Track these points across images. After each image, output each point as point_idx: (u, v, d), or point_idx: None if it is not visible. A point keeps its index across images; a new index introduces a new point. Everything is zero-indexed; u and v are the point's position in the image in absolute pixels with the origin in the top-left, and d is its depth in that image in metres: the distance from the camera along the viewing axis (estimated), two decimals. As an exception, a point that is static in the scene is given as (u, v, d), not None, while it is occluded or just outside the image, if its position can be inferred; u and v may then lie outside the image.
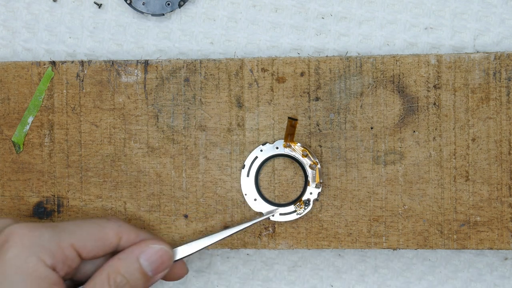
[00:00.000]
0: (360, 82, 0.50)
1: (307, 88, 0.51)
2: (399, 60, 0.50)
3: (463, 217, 0.50)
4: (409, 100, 0.50)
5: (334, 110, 0.50)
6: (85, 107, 0.51)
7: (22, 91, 0.52)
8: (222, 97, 0.51)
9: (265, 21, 0.54)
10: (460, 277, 0.53)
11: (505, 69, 0.50)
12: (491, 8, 0.53)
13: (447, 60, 0.50)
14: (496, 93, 0.50)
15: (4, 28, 0.55)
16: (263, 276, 0.54)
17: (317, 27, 0.53)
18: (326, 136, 0.50)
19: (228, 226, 0.51)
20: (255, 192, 0.50)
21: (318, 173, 0.50)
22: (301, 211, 0.50)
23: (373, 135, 0.50)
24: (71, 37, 0.54)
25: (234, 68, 0.51)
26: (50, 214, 0.52)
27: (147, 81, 0.51)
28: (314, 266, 0.54)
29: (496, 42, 0.52)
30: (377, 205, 0.50)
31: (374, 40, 0.53)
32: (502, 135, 0.50)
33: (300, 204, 0.50)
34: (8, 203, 0.52)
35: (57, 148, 0.52)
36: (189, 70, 0.51)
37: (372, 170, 0.50)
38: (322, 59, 0.50)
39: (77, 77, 0.52)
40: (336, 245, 0.50)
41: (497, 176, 0.50)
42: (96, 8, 0.54)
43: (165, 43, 0.54)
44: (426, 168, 0.50)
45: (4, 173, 0.52)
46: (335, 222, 0.50)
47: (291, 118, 0.46)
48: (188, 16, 0.54)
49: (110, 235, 0.45)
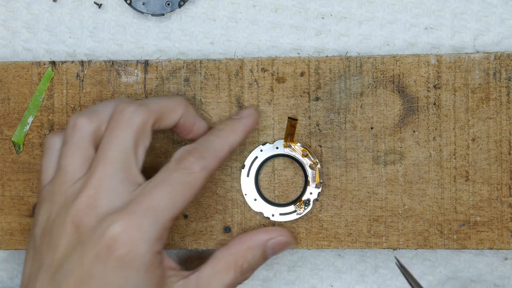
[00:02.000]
0: (360, 82, 0.50)
1: (307, 88, 0.51)
2: (399, 60, 0.50)
3: (463, 217, 0.50)
4: (409, 100, 0.50)
5: (334, 110, 0.50)
6: (85, 107, 0.51)
7: (22, 91, 0.52)
8: (222, 97, 0.51)
9: (265, 21, 0.54)
10: (460, 277, 0.53)
11: (505, 69, 0.50)
12: (491, 8, 0.53)
13: (447, 60, 0.50)
14: (496, 93, 0.50)
15: (4, 28, 0.55)
16: (263, 276, 0.54)
17: (317, 27, 0.53)
18: (326, 136, 0.50)
19: (228, 226, 0.51)
20: (255, 192, 0.50)
21: (318, 173, 0.50)
22: (301, 211, 0.50)
23: (373, 135, 0.50)
24: (71, 37, 0.54)
25: (234, 68, 0.51)
26: (50, 214, 0.52)
27: (147, 81, 0.51)
28: (314, 266, 0.54)
29: (496, 42, 0.52)
30: (377, 205, 0.50)
31: (374, 40, 0.53)
32: (502, 135, 0.50)
33: (300, 204, 0.50)
34: (8, 203, 0.52)
35: (57, 148, 0.52)
36: (189, 70, 0.51)
37: (372, 170, 0.50)
38: (322, 59, 0.50)
39: (77, 77, 0.52)
40: (336, 245, 0.50)
41: (497, 176, 0.50)
42: (96, 8, 0.54)
43: (165, 43, 0.54)
44: (426, 168, 0.50)
45: (4, 173, 0.52)
46: (335, 222, 0.50)
47: (291, 118, 0.46)
48: (188, 16, 0.54)
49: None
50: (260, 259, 0.47)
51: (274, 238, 0.48)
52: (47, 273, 0.42)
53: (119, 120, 0.44)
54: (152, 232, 0.42)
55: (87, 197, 0.42)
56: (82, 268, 0.41)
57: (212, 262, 0.46)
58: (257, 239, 0.47)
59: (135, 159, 0.44)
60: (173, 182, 0.43)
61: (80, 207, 0.42)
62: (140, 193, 0.43)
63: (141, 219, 0.41)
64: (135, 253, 0.41)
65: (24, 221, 0.52)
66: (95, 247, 0.41)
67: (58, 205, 0.43)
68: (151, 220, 0.42)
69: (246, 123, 0.48)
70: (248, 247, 0.47)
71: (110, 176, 0.43)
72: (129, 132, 0.44)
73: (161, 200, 0.42)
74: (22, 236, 0.52)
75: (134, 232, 0.41)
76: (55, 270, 0.42)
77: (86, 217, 0.42)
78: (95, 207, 0.42)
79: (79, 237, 0.42)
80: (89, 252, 0.41)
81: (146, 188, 0.43)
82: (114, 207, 0.42)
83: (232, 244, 0.47)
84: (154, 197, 0.42)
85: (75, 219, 0.42)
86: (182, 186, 0.43)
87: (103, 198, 0.42)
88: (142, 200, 0.42)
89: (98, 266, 0.41)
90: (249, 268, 0.46)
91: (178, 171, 0.43)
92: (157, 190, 0.43)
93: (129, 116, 0.44)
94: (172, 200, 0.43)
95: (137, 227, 0.41)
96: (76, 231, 0.42)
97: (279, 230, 0.48)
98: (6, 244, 0.52)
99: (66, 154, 0.44)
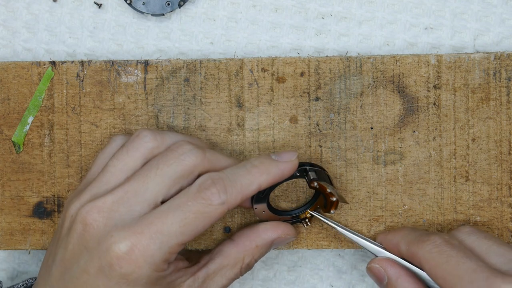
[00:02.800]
0: (360, 82, 0.50)
1: (307, 88, 0.51)
2: (399, 60, 0.50)
3: (463, 217, 0.50)
4: (409, 100, 0.50)
5: (334, 110, 0.50)
6: (85, 107, 0.51)
7: (22, 91, 0.52)
8: (222, 97, 0.51)
9: (265, 21, 0.54)
10: (460, 277, 0.53)
11: (505, 69, 0.50)
12: (491, 8, 0.53)
13: (447, 60, 0.50)
14: (496, 93, 0.50)
15: (4, 28, 0.55)
16: (263, 276, 0.54)
17: (317, 27, 0.53)
18: (326, 136, 0.50)
19: (228, 226, 0.51)
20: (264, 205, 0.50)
21: (332, 205, 0.47)
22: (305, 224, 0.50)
23: (373, 135, 0.50)
24: (71, 37, 0.54)
25: (234, 68, 0.51)
26: (50, 214, 0.52)
27: (147, 81, 0.51)
28: (314, 266, 0.54)
29: (496, 42, 0.52)
30: (377, 205, 0.50)
31: (374, 40, 0.53)
32: (502, 135, 0.50)
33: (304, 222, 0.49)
34: (8, 203, 0.52)
35: (57, 148, 0.52)
36: (189, 70, 0.51)
37: (372, 170, 0.50)
38: (322, 59, 0.50)
39: (77, 77, 0.52)
40: (336, 245, 0.50)
41: (497, 176, 0.50)
42: (96, 8, 0.54)
43: (165, 43, 0.54)
44: (426, 168, 0.50)
45: (4, 173, 0.52)
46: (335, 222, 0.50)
47: (337, 199, 0.46)
48: (188, 16, 0.54)
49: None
50: (264, 254, 0.48)
51: (282, 236, 0.48)
52: (58, 269, 0.43)
53: (175, 150, 0.44)
54: (157, 256, 0.41)
55: (107, 202, 0.42)
56: (88, 276, 0.42)
57: (219, 258, 0.46)
58: (266, 237, 0.47)
59: (166, 191, 0.43)
60: (187, 210, 0.42)
61: (96, 208, 0.42)
62: (152, 215, 0.42)
63: (147, 242, 0.41)
64: (138, 273, 0.41)
65: (24, 221, 0.52)
66: (100, 259, 0.41)
67: (83, 201, 0.44)
68: (157, 244, 0.41)
69: (283, 169, 0.45)
70: (256, 246, 0.47)
71: (137, 193, 0.43)
72: (178, 166, 0.43)
73: (171, 226, 0.42)
74: (22, 236, 0.52)
75: (139, 254, 0.41)
76: (65, 270, 0.43)
77: (95, 223, 0.42)
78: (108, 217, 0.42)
79: (86, 242, 0.42)
80: (94, 262, 0.42)
81: (159, 209, 0.42)
82: (124, 223, 0.42)
83: (240, 241, 0.47)
84: (165, 221, 0.42)
85: (85, 219, 0.42)
86: (196, 216, 0.42)
87: (119, 209, 0.42)
88: (152, 222, 0.42)
89: (102, 278, 0.42)
90: (253, 263, 0.47)
91: (196, 200, 0.42)
92: (169, 215, 0.42)
93: (184, 151, 0.44)
94: (182, 228, 0.42)
95: (143, 249, 0.41)
96: (84, 233, 0.42)
97: (285, 226, 0.48)
98: (6, 244, 0.52)
99: (117, 157, 0.45)
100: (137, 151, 0.45)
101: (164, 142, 0.45)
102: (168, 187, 0.43)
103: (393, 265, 0.46)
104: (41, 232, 0.52)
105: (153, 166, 0.43)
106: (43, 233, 0.52)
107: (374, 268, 0.47)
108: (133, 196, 0.43)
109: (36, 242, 0.52)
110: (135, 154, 0.44)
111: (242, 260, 0.46)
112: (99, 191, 0.44)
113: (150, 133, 0.45)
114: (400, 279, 0.46)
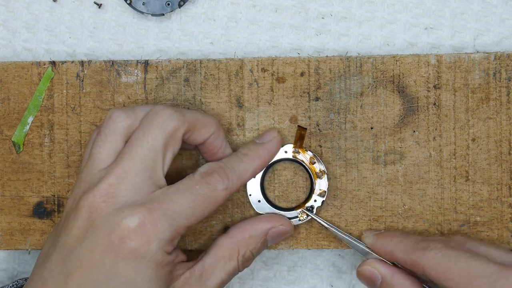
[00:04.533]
0: (360, 82, 0.50)
1: (307, 88, 0.51)
2: (399, 60, 0.50)
3: (463, 217, 0.50)
4: (409, 100, 0.50)
5: (334, 110, 0.50)
6: (85, 107, 0.52)
7: (22, 91, 0.52)
8: (222, 97, 0.51)
9: (265, 21, 0.54)
10: (460, 277, 0.53)
11: (505, 69, 0.50)
12: (491, 8, 0.53)
13: (447, 60, 0.50)
14: (496, 93, 0.50)
15: (4, 28, 0.55)
16: (263, 276, 0.54)
17: (317, 27, 0.53)
18: (326, 136, 0.50)
19: (228, 226, 0.51)
20: (260, 194, 0.50)
21: (325, 182, 0.50)
22: (303, 218, 0.50)
23: (373, 135, 0.50)
24: (71, 37, 0.54)
25: (234, 68, 0.51)
26: (50, 214, 0.52)
27: (147, 81, 0.51)
28: (314, 266, 0.54)
29: (496, 42, 0.52)
30: (377, 205, 0.50)
31: (374, 40, 0.53)
32: (502, 135, 0.50)
33: (303, 213, 0.50)
34: (8, 203, 0.52)
35: (57, 148, 0.52)
36: (189, 70, 0.51)
37: (372, 170, 0.50)
38: (322, 59, 0.50)
39: (77, 77, 0.52)
40: (336, 245, 0.50)
41: (497, 176, 0.50)
42: (96, 8, 0.54)
43: (165, 43, 0.54)
44: (426, 168, 0.50)
45: (4, 173, 0.52)
46: (335, 222, 0.50)
47: (300, 127, 0.47)
48: (188, 16, 0.54)
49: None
50: (261, 247, 0.48)
51: (276, 227, 0.48)
52: (59, 255, 0.43)
53: (153, 119, 0.44)
54: (166, 233, 0.42)
55: (108, 185, 0.43)
56: (92, 255, 0.42)
57: (214, 250, 0.46)
58: (259, 228, 0.48)
59: (162, 161, 0.44)
60: (196, 192, 0.44)
61: (99, 193, 0.43)
62: (162, 194, 0.43)
63: (159, 217, 0.42)
64: (147, 248, 0.42)
65: (24, 221, 0.52)
66: (109, 235, 0.42)
67: (82, 190, 0.44)
68: (168, 222, 0.42)
69: (269, 148, 0.48)
70: (250, 236, 0.47)
71: (136, 171, 0.43)
72: (161, 132, 0.44)
73: (181, 206, 0.43)
74: (22, 236, 0.52)
75: (150, 228, 0.42)
76: (67, 253, 0.43)
77: (103, 204, 0.43)
78: (114, 197, 0.43)
79: (92, 223, 0.42)
80: (101, 239, 0.42)
81: (168, 191, 0.44)
82: (133, 201, 0.43)
83: (233, 232, 0.47)
84: (175, 202, 0.43)
85: (92, 204, 0.43)
86: (204, 199, 0.44)
87: (124, 189, 0.43)
88: (163, 201, 0.43)
89: (110, 254, 0.42)
90: (250, 256, 0.47)
91: (202, 184, 0.44)
92: (179, 196, 0.43)
93: (164, 118, 0.44)
94: (191, 209, 0.43)
95: (154, 224, 0.42)
96: (90, 215, 0.43)
97: (280, 218, 0.49)
98: (6, 244, 0.52)
99: (97, 143, 0.45)
100: (114, 132, 0.45)
101: (138, 116, 0.45)
102: (162, 157, 0.44)
103: (385, 265, 0.47)
104: (41, 232, 0.52)
105: (138, 141, 0.44)
106: (43, 233, 0.52)
107: (366, 270, 0.47)
108: (134, 174, 0.43)
109: (36, 242, 0.52)
110: (114, 136, 0.45)
111: (237, 251, 0.46)
112: (94, 178, 0.44)
113: (122, 111, 0.45)
114: (396, 276, 0.46)
